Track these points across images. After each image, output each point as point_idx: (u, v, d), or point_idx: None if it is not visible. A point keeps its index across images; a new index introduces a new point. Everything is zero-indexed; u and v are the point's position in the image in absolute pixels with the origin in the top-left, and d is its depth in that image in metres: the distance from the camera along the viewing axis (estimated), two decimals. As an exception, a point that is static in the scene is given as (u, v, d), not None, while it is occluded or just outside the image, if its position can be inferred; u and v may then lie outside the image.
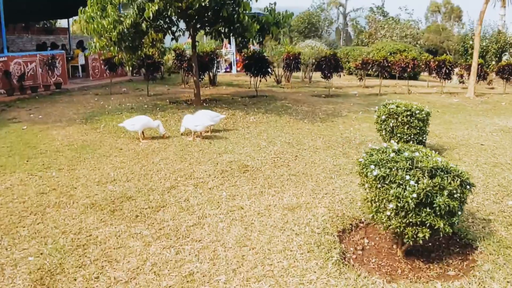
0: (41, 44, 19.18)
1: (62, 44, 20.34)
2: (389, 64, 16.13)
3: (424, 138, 7.95)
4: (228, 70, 21.41)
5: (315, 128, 10.12)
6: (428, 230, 4.02)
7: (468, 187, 4.20)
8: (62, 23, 27.69)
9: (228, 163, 7.08)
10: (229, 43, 20.50)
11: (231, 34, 11.79)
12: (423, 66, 18.59)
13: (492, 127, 11.47)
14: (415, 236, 4.08)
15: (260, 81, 14.46)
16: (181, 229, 4.69)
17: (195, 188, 5.96)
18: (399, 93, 16.89)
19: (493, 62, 22.10)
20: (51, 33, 22.58)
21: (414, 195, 3.90)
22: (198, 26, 12.04)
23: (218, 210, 5.20)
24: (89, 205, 5.31)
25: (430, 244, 4.62)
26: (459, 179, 4.14)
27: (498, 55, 23.33)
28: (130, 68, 12.73)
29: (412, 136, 7.68)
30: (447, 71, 17.13)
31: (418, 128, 7.70)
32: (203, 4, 9.45)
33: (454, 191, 4.05)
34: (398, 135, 7.73)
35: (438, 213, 3.97)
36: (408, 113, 7.67)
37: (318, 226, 4.88)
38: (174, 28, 11.99)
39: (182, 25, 12.49)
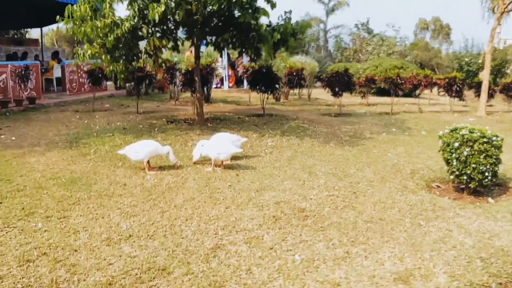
0: (12, 54, 17.02)
1: (35, 55, 18.19)
2: (402, 82, 14.75)
3: (498, 168, 6.49)
4: (218, 85, 19.67)
5: (348, 154, 8.52)
6: None
7: None
8: (32, 34, 25.49)
9: (276, 206, 5.35)
10: (221, 56, 18.81)
11: (242, 45, 10.12)
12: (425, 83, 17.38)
13: (531, 149, 10.21)
14: None
15: (268, 98, 12.80)
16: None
17: (250, 248, 4.19)
18: (410, 112, 15.57)
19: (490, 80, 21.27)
20: (21, 44, 20.26)
21: None
22: (201, 34, 10.34)
23: (308, 292, 3.46)
24: (105, 286, 3.47)
25: None
26: None
27: (495, 73, 22.56)
28: (122, 82, 10.86)
29: (488, 167, 6.21)
30: (458, 89, 15.93)
31: (494, 157, 6.26)
32: (222, 6, 7.77)
33: None
34: (473, 165, 6.21)
35: None
36: (485, 139, 6.21)
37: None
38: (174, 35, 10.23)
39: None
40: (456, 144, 6.33)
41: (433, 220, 5.13)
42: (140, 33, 8.54)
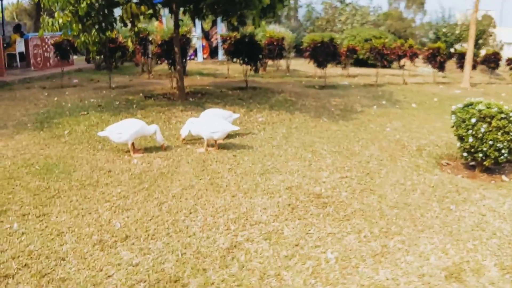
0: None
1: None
2: (388, 52, 14.25)
3: (514, 145, 6.06)
4: (192, 57, 18.67)
5: (346, 129, 7.97)
6: None
7: None
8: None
9: (288, 191, 4.73)
10: (194, 25, 17.76)
11: (225, 12, 9.30)
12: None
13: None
14: None
15: (251, 70, 12.07)
16: None
17: (271, 246, 3.58)
18: (394, 84, 15.12)
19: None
20: (-22, 18, 18.58)
21: None
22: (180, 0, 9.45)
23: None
24: (108, 306, 2.80)
25: None
26: None
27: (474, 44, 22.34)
28: (95, 55, 9.80)
29: (505, 144, 5.76)
30: (441, 60, 15.57)
31: None
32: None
33: None
34: (490, 142, 5.75)
35: None
36: (503, 115, 5.75)
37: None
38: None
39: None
40: (473, 120, 5.85)
41: (462, 204, 4.65)
42: (115, -2, 7.64)
